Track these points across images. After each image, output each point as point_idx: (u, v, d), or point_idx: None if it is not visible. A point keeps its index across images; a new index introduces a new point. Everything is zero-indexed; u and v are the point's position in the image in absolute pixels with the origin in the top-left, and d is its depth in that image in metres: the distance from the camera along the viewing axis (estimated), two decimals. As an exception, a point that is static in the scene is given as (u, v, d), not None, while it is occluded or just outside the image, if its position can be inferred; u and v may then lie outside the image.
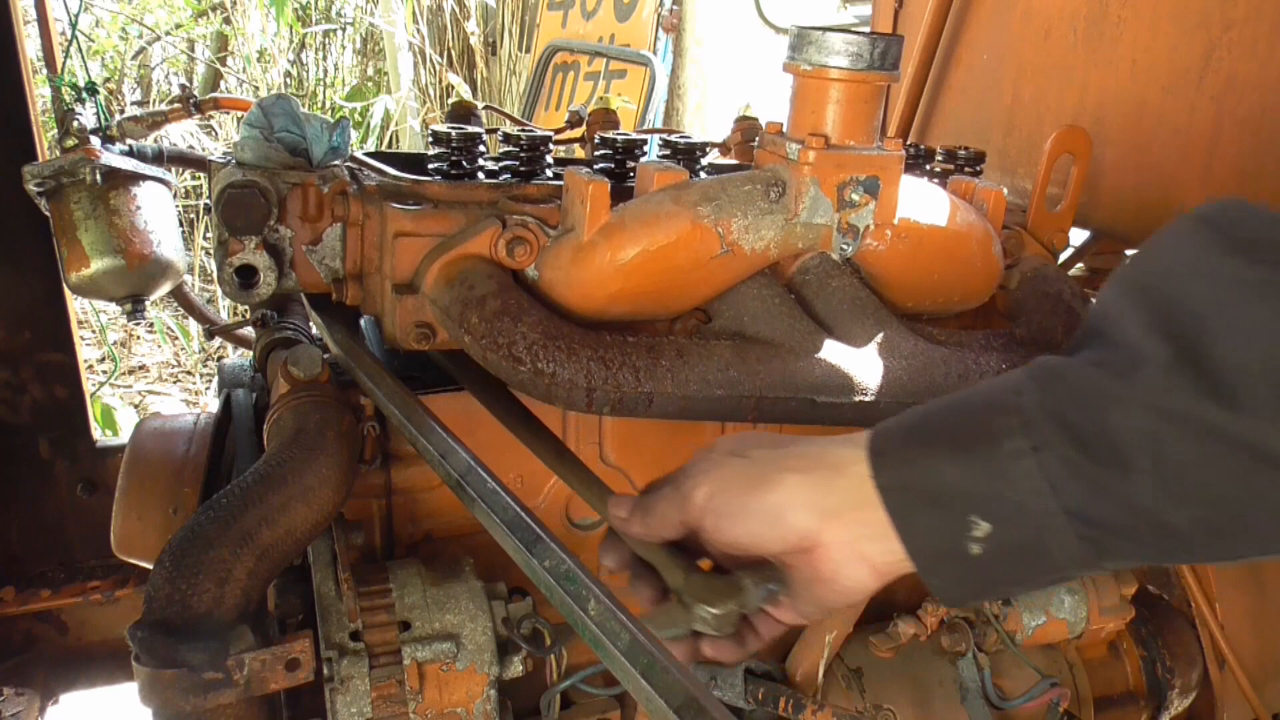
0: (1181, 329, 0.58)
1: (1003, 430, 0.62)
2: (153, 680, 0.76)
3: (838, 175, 0.98)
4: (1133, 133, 1.46)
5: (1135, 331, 0.60)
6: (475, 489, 0.78)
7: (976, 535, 0.63)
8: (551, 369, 0.89)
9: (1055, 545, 0.62)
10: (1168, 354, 0.57)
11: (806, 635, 1.11)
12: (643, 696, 0.64)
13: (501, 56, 5.62)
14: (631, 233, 0.95)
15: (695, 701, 0.62)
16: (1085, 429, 0.59)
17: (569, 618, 0.70)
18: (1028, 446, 0.61)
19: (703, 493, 0.74)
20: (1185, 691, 1.29)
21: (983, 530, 0.63)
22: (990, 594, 0.68)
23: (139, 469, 1.18)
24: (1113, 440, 0.58)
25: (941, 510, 0.64)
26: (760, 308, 1.00)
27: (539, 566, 0.71)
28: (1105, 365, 0.60)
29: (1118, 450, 0.58)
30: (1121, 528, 0.60)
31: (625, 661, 0.65)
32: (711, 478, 0.74)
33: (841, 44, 0.93)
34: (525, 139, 1.07)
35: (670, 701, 0.62)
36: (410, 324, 1.00)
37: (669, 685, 0.63)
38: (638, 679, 0.64)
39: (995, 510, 0.62)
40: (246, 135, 1.01)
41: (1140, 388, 0.58)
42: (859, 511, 0.68)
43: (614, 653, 0.66)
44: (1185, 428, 0.56)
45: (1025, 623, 1.17)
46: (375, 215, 1.00)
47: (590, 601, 0.69)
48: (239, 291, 0.99)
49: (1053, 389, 0.62)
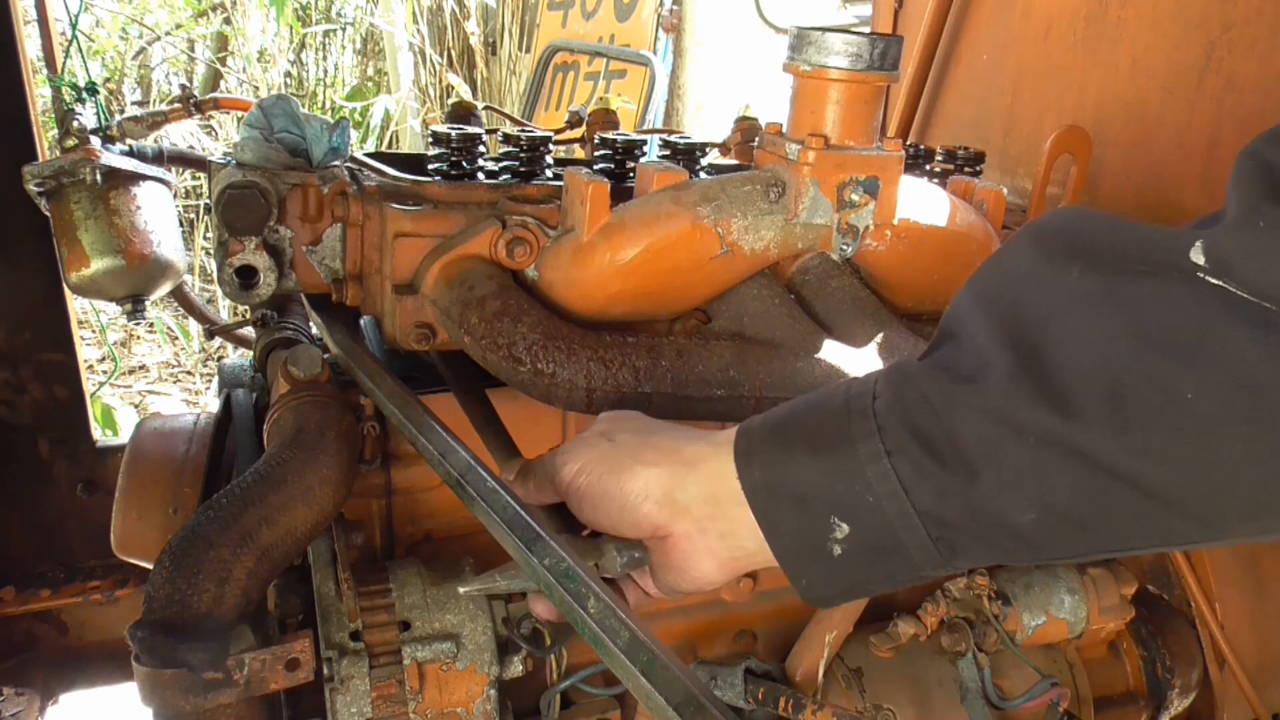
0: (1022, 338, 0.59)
1: (859, 434, 0.64)
2: (153, 680, 0.76)
3: (837, 175, 0.98)
4: (1133, 133, 1.46)
5: (982, 338, 0.61)
6: (475, 488, 0.78)
7: (837, 536, 0.65)
8: (551, 369, 0.89)
9: (911, 545, 0.63)
10: (1009, 362, 0.59)
11: (806, 635, 1.11)
12: (642, 694, 0.64)
13: (501, 56, 5.62)
14: (631, 233, 0.95)
15: (695, 699, 0.62)
16: (932, 434, 0.61)
17: (568, 616, 0.70)
18: (882, 450, 0.62)
19: (568, 470, 0.77)
20: (1185, 691, 1.29)
21: (843, 531, 0.65)
22: (854, 594, 0.69)
23: (139, 469, 1.18)
24: (957, 445, 0.60)
25: (804, 511, 0.66)
26: (760, 308, 1.00)
27: (538, 565, 0.71)
28: (953, 370, 0.62)
29: (962, 455, 0.60)
30: (970, 529, 0.62)
31: (625, 659, 0.65)
32: (578, 457, 0.77)
33: (841, 44, 0.93)
34: (525, 139, 1.07)
35: (670, 699, 0.62)
36: (410, 324, 1.00)
37: (669, 683, 0.63)
38: (637, 677, 0.64)
39: (854, 512, 0.64)
40: (246, 136, 1.01)
41: (983, 395, 0.59)
42: (708, 507, 0.71)
43: (614, 650, 0.66)
44: (1024, 435, 0.58)
45: (1025, 623, 1.17)
46: (375, 216, 1.00)
47: (590, 599, 0.69)
48: (239, 292, 0.99)
49: (904, 393, 0.63)
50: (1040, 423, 0.57)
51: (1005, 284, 0.63)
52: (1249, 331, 0.51)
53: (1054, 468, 0.57)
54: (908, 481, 0.62)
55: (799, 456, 0.66)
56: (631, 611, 0.70)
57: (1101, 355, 0.56)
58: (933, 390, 0.62)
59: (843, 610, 1.10)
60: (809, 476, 0.66)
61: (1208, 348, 0.53)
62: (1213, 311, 0.53)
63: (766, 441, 0.69)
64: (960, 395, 0.60)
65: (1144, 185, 1.45)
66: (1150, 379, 0.54)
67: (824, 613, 1.11)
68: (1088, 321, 0.57)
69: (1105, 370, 0.55)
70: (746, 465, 0.69)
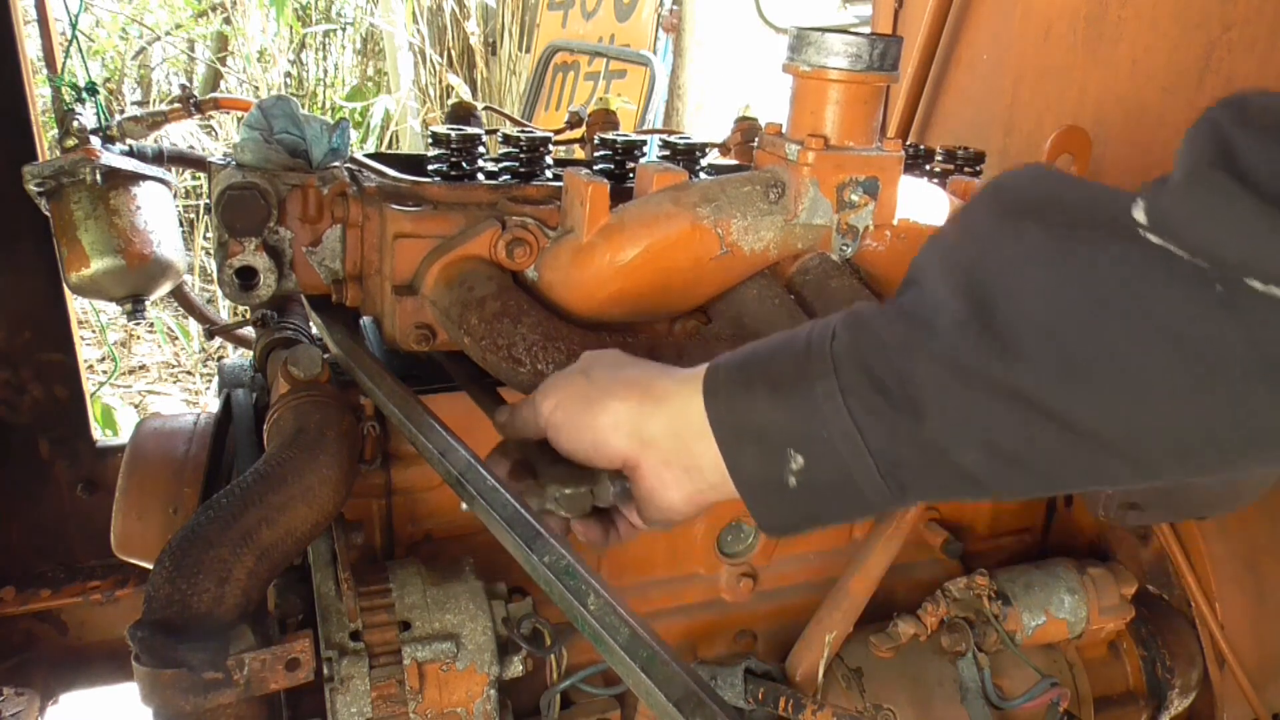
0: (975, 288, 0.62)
1: (817, 373, 0.67)
2: (153, 680, 0.76)
3: (837, 176, 0.98)
4: (1133, 133, 1.46)
5: (939, 287, 0.64)
6: (475, 486, 0.78)
7: (793, 468, 0.68)
8: (551, 370, 0.89)
9: (863, 481, 0.66)
10: (961, 310, 0.61)
11: (806, 635, 1.11)
12: (642, 690, 0.64)
13: (501, 56, 5.62)
14: (631, 234, 0.95)
15: (695, 695, 0.63)
16: (885, 374, 0.64)
17: (568, 613, 0.70)
18: (837, 389, 0.65)
19: (547, 405, 0.80)
20: (1185, 691, 1.29)
21: (798, 464, 0.68)
22: (807, 525, 0.72)
23: (139, 469, 1.18)
24: (907, 386, 0.63)
25: (763, 444, 0.69)
26: (760, 308, 1.00)
27: (538, 562, 0.72)
28: (910, 316, 0.65)
29: (912, 395, 0.63)
30: (918, 466, 0.65)
31: (625, 656, 0.66)
32: (556, 391, 0.80)
33: (840, 45, 0.93)
34: (525, 140, 1.07)
35: (670, 695, 0.63)
36: (410, 325, 1.00)
37: (669, 679, 0.64)
38: (637, 673, 0.65)
39: (809, 446, 0.67)
40: (246, 137, 1.01)
41: (934, 339, 0.62)
42: (673, 441, 0.74)
43: (613, 647, 0.66)
44: (970, 378, 0.61)
45: (1025, 623, 1.17)
46: (375, 217, 1.00)
47: (590, 596, 0.69)
48: (239, 293, 0.99)
49: (860, 336, 0.66)
50: (986, 367, 0.60)
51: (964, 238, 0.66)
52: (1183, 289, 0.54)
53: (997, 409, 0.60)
54: (860, 419, 0.65)
55: (760, 394, 0.70)
56: (631, 608, 0.70)
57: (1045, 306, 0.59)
58: (888, 333, 0.65)
59: (843, 610, 1.10)
60: (769, 412, 0.69)
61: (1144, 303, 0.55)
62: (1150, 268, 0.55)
63: (732, 380, 0.72)
64: (913, 339, 0.63)
65: (1144, 185, 1.45)
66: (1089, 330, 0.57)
67: (824, 612, 1.11)
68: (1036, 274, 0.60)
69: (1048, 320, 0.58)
70: (713, 402, 0.72)
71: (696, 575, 1.16)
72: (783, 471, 0.68)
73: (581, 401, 0.78)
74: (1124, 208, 0.57)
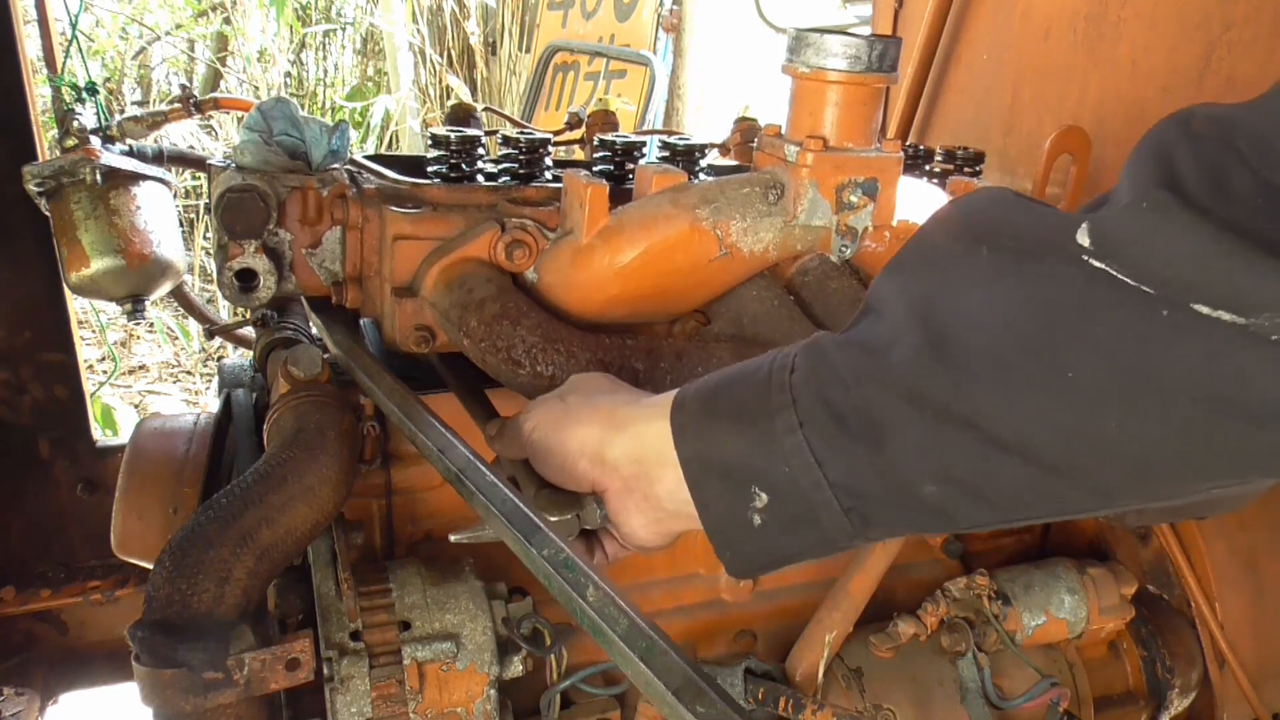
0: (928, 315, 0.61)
1: (776, 406, 0.66)
2: (153, 680, 0.76)
3: (836, 177, 0.98)
4: (1133, 133, 1.46)
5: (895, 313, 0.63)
6: (474, 482, 0.78)
7: (757, 506, 0.67)
8: (550, 372, 0.89)
9: (825, 516, 0.65)
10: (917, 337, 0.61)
11: (806, 635, 1.11)
12: (642, 680, 0.65)
13: (501, 56, 5.62)
14: (630, 235, 0.95)
15: (694, 683, 0.63)
16: (842, 406, 0.63)
17: (567, 605, 0.70)
18: (796, 422, 0.65)
19: (527, 427, 0.82)
20: (1185, 691, 1.29)
21: (762, 501, 0.67)
22: (773, 565, 0.72)
23: (139, 469, 1.18)
24: (865, 417, 0.62)
25: (728, 482, 0.69)
26: (759, 309, 1.00)
27: (537, 556, 0.72)
28: (865, 345, 0.64)
29: (869, 426, 0.62)
30: (880, 499, 0.64)
31: (624, 646, 0.66)
32: (536, 416, 0.82)
33: (839, 46, 0.93)
34: (524, 142, 1.07)
35: (669, 684, 0.63)
36: (410, 327, 1.00)
37: (668, 668, 0.64)
38: (636, 663, 0.65)
39: (772, 483, 0.66)
40: (246, 139, 1.01)
41: (888, 368, 0.61)
42: (634, 467, 0.74)
43: (612, 638, 0.66)
44: (923, 407, 0.60)
45: (1025, 623, 1.17)
46: (374, 218, 1.00)
47: (589, 588, 0.69)
48: (239, 295, 0.99)
49: (818, 367, 0.65)
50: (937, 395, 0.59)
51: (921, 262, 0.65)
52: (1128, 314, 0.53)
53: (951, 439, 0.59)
54: (820, 453, 0.64)
55: (725, 428, 0.69)
56: (629, 599, 0.70)
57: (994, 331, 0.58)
58: (844, 364, 0.64)
59: (843, 610, 1.10)
60: (733, 448, 0.68)
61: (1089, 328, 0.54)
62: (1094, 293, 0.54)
63: (698, 413, 0.71)
64: (868, 368, 0.63)
65: (1144, 185, 1.45)
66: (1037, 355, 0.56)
67: (824, 612, 1.11)
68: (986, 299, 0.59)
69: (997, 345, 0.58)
70: (681, 437, 0.71)
71: (696, 575, 1.16)
72: (747, 510, 0.68)
73: (552, 425, 0.80)
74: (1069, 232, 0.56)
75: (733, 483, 0.68)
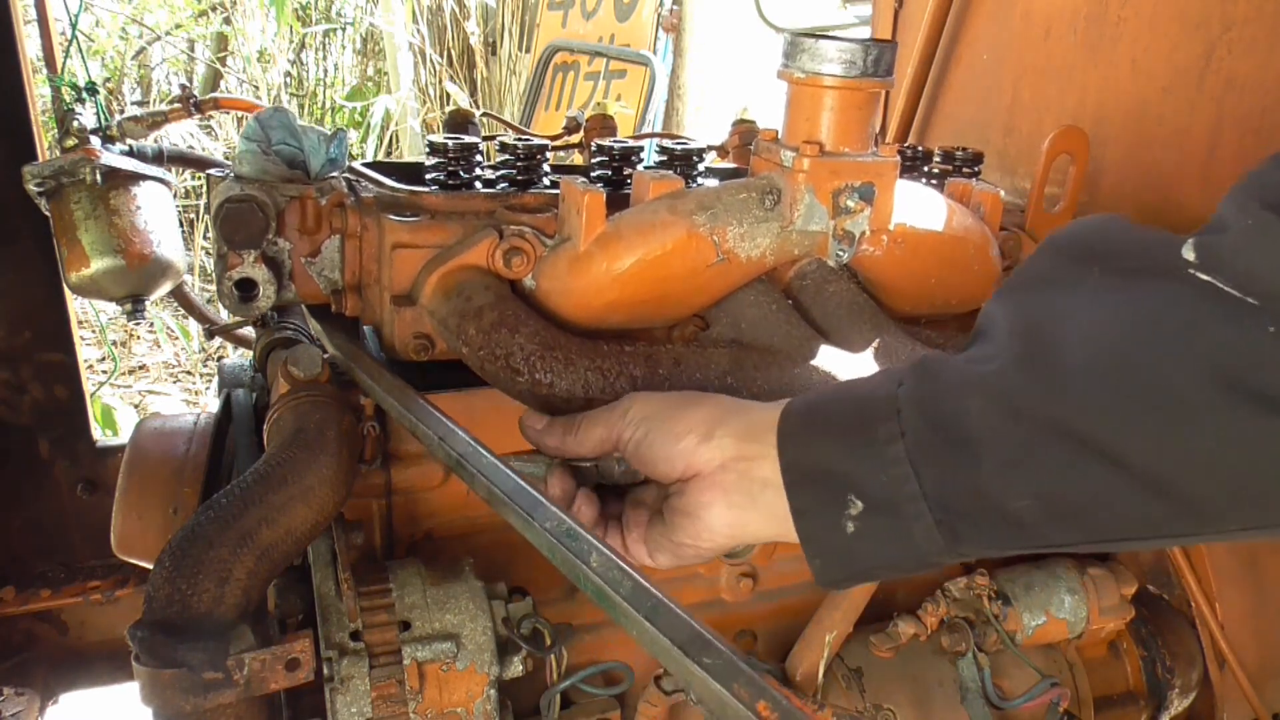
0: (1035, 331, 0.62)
1: (881, 416, 0.67)
2: (153, 680, 0.76)
3: (833, 182, 0.98)
4: (1133, 133, 1.46)
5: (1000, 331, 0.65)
6: (474, 465, 0.79)
7: (851, 513, 0.68)
8: (549, 380, 0.90)
9: (917, 528, 0.66)
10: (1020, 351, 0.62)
11: (806, 635, 1.11)
12: (648, 639, 0.65)
13: (501, 57, 5.62)
14: (628, 242, 0.95)
15: (700, 636, 0.63)
16: (942, 416, 0.64)
17: (571, 574, 0.71)
18: (898, 431, 0.66)
19: (635, 409, 0.82)
20: (1185, 691, 1.29)
21: (857, 508, 0.67)
22: (863, 577, 0.73)
23: (139, 469, 1.18)
24: (963, 428, 0.63)
25: (825, 486, 0.69)
26: (757, 314, 1.00)
27: (540, 529, 0.72)
28: (973, 360, 0.65)
29: (967, 438, 0.63)
30: (970, 513, 0.64)
31: (629, 607, 0.66)
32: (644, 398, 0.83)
33: (834, 51, 0.93)
34: (522, 148, 1.07)
35: (675, 639, 0.63)
36: (409, 335, 1.00)
37: (674, 625, 0.64)
38: (642, 623, 0.65)
39: (869, 490, 0.67)
40: (244, 149, 1.01)
41: (988, 378, 0.63)
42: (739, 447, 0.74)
43: (617, 600, 0.67)
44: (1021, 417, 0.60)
45: (1025, 623, 1.17)
46: (373, 227, 1.00)
47: (592, 555, 0.70)
48: (239, 305, 0.99)
49: (925, 380, 0.67)
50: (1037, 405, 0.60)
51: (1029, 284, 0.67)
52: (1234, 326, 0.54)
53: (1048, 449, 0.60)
54: (918, 464, 0.64)
55: (827, 436, 0.70)
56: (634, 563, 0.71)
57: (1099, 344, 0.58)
58: (949, 377, 0.65)
59: (843, 610, 1.10)
60: (833, 454, 0.69)
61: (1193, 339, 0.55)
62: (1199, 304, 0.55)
63: (803, 421, 0.73)
64: (969, 379, 0.64)
65: (1144, 185, 1.45)
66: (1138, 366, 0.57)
67: (824, 612, 1.11)
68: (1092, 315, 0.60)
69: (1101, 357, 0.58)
70: (785, 443, 0.72)
71: (696, 575, 1.16)
72: (842, 516, 0.68)
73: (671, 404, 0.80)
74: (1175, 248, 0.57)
75: (829, 488, 0.69)
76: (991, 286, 1.13)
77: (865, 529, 0.68)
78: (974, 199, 1.15)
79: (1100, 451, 0.58)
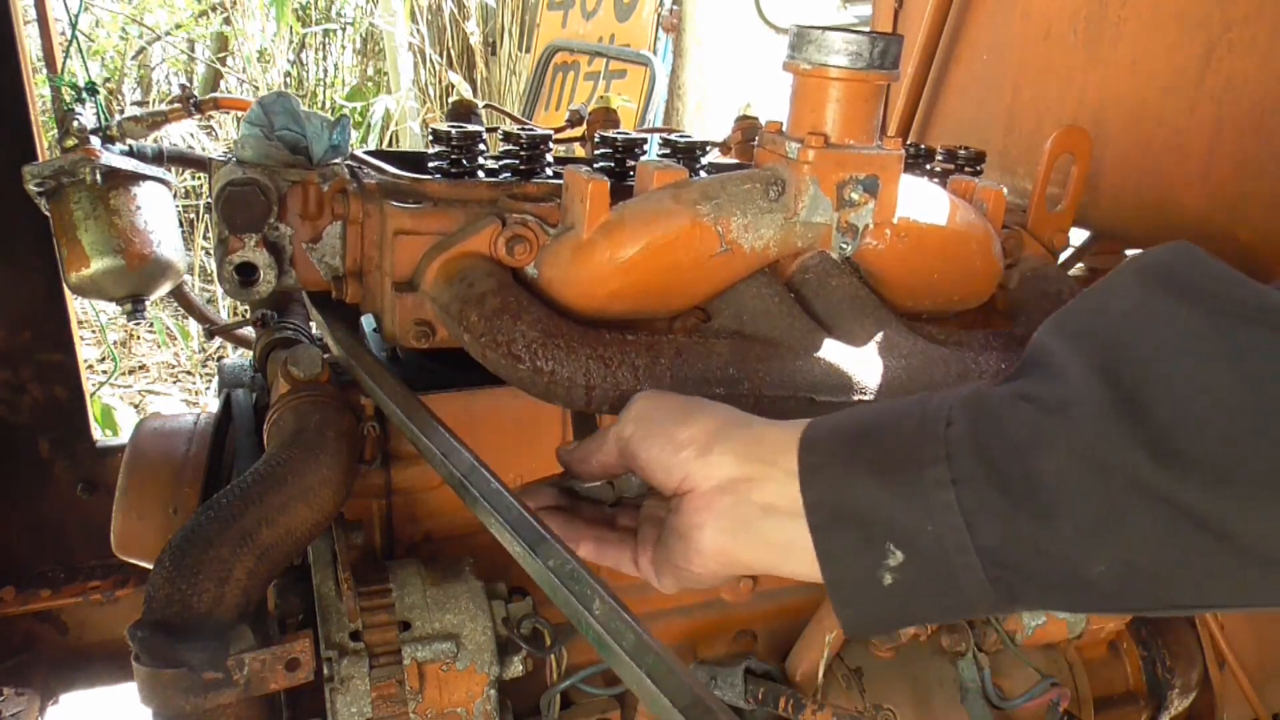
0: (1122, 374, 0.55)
1: (928, 459, 0.60)
2: (153, 680, 0.76)
3: (837, 174, 0.98)
4: (1133, 133, 1.46)
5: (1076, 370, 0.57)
6: (478, 489, 0.77)
7: (890, 564, 0.61)
8: (550, 367, 0.89)
9: (967, 582, 0.60)
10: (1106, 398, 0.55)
11: (806, 635, 1.11)
12: (648, 698, 0.64)
13: (501, 56, 5.62)
14: (631, 231, 0.95)
15: (701, 702, 0.61)
16: (1008, 468, 0.57)
17: (573, 618, 0.69)
18: (949, 478, 0.59)
19: (638, 405, 0.77)
20: (1185, 691, 1.29)
21: (896, 560, 0.61)
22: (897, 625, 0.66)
23: (139, 469, 1.18)
24: (1035, 483, 0.56)
25: (861, 534, 0.62)
26: (760, 306, 0.99)
27: (542, 567, 0.71)
28: (1038, 400, 0.58)
29: (1039, 493, 0.56)
30: (1033, 573, 0.58)
31: (630, 662, 0.65)
32: (645, 399, 0.77)
33: (841, 43, 0.93)
34: (525, 138, 1.07)
35: (676, 702, 0.62)
36: (410, 322, 1.00)
37: (675, 687, 0.62)
38: (643, 679, 0.64)
39: (911, 540, 0.61)
40: (247, 133, 1.01)
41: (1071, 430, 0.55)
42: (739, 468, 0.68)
43: (619, 653, 0.65)
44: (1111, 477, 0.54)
45: (1025, 623, 1.17)
46: (375, 213, 1.00)
47: (595, 601, 0.68)
48: (239, 289, 0.99)
49: (981, 422, 0.60)
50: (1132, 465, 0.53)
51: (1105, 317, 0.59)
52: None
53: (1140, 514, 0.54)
54: (971, 515, 0.58)
55: (865, 477, 0.63)
56: (635, 614, 0.69)
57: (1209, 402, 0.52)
58: (1013, 421, 0.58)
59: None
60: (871, 499, 0.62)
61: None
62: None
63: (835, 456, 0.65)
64: (1046, 429, 0.56)
65: (1144, 185, 1.45)
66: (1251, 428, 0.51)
67: (824, 612, 1.11)
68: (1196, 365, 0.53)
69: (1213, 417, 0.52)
70: (812, 478, 0.65)
71: (696, 575, 1.16)
72: (879, 567, 0.62)
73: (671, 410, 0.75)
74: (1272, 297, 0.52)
75: (865, 535, 0.62)
76: (994, 283, 1.13)
77: (905, 581, 0.61)
78: (977, 196, 1.15)
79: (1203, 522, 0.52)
